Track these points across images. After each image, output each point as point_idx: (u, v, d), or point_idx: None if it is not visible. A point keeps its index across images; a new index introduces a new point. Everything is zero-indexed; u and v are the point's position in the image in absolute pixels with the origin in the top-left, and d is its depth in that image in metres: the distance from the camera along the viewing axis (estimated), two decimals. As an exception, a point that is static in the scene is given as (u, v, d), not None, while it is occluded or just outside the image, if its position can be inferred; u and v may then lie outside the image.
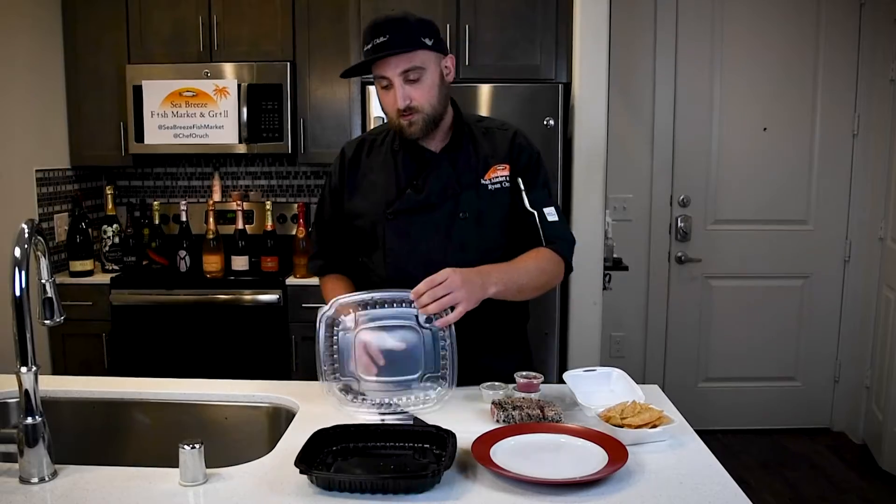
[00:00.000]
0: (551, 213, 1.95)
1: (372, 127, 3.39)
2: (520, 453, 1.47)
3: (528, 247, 1.92)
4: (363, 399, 1.72)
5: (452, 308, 1.65)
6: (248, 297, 3.66)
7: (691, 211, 4.24)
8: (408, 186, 1.90)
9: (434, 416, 1.68)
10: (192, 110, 3.77)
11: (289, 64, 3.78)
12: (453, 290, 1.64)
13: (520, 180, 1.93)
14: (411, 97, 1.80)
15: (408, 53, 1.77)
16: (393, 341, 1.73)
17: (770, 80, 4.13)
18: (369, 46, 1.79)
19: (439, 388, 1.74)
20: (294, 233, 3.85)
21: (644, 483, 1.37)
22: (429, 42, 1.80)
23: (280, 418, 1.83)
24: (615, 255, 3.71)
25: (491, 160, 1.93)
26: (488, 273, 1.74)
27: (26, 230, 1.39)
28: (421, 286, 1.64)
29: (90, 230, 3.83)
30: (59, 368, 3.69)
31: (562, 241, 1.96)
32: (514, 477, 1.35)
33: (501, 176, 1.92)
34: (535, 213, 1.93)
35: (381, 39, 1.76)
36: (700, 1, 4.10)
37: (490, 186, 1.91)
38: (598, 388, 1.81)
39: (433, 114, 1.84)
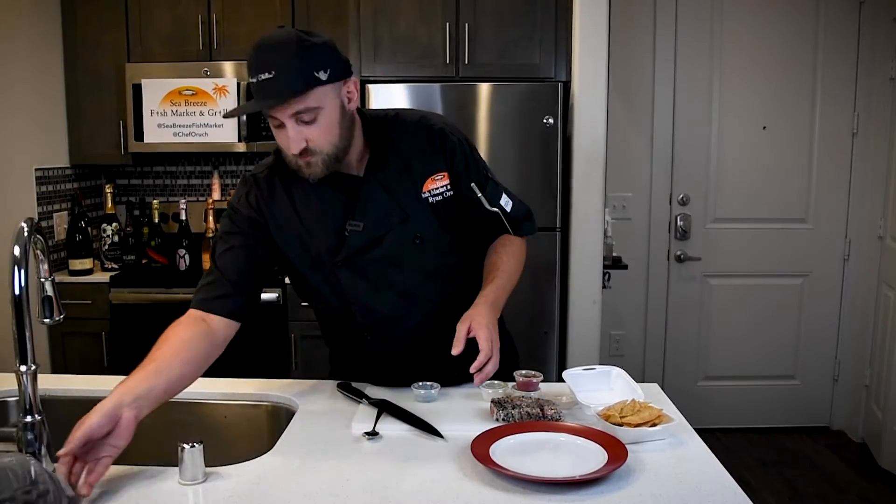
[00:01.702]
0: (507, 203, 1.86)
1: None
2: (519, 452, 1.47)
3: (490, 237, 1.88)
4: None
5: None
6: (247, 296, 3.65)
7: (691, 209, 4.24)
8: (345, 226, 1.71)
9: (434, 414, 1.68)
10: (192, 109, 3.77)
11: (288, 62, 3.77)
12: (494, 340, 1.61)
13: (473, 185, 1.80)
14: (307, 138, 1.57)
15: (299, 96, 1.53)
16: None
17: (769, 78, 4.13)
18: (255, 80, 1.54)
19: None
20: (293, 231, 3.84)
21: (643, 482, 1.37)
22: (323, 76, 1.54)
23: (280, 417, 1.83)
24: (614, 254, 3.71)
25: (424, 170, 1.76)
26: (496, 302, 1.71)
27: (26, 229, 1.39)
28: (483, 364, 1.59)
29: (89, 229, 3.83)
30: (58, 367, 3.69)
31: (526, 223, 1.90)
32: (513, 475, 1.35)
33: (441, 186, 1.77)
34: (498, 210, 1.84)
35: (267, 76, 1.51)
36: (699, 0, 4.10)
37: (431, 199, 1.76)
38: (598, 387, 1.81)
39: (334, 152, 1.62)
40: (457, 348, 1.59)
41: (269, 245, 1.77)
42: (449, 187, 1.79)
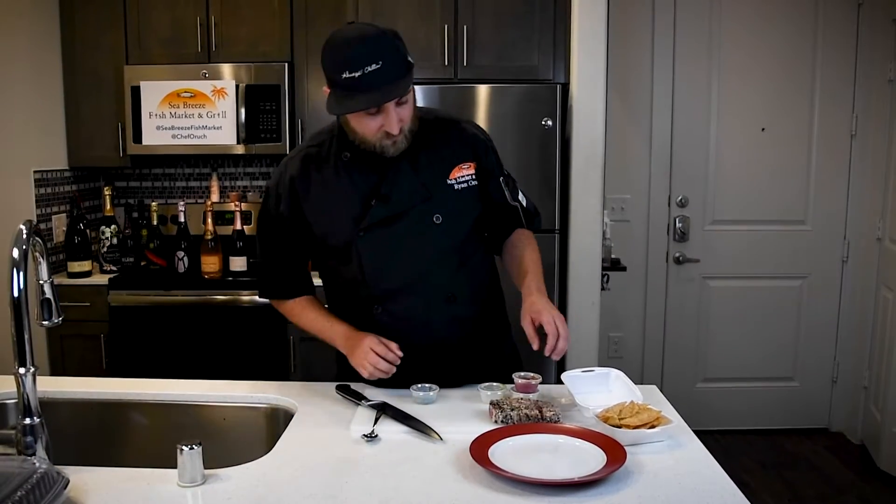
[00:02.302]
0: (523, 198, 2.00)
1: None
2: (518, 454, 1.47)
3: (507, 230, 2.00)
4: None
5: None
6: (246, 298, 3.66)
7: (689, 211, 4.24)
8: (373, 198, 1.81)
9: (432, 416, 1.68)
10: (190, 111, 3.77)
11: (287, 65, 3.78)
12: (561, 320, 1.72)
13: (500, 181, 1.94)
14: (402, 119, 1.71)
15: (408, 82, 1.66)
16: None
17: (768, 80, 4.14)
18: (358, 74, 1.61)
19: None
20: (292, 233, 3.84)
21: (642, 484, 1.38)
22: (411, 59, 1.68)
23: (278, 419, 1.83)
24: (613, 256, 3.71)
25: (453, 158, 1.87)
26: (540, 288, 1.83)
27: (24, 231, 1.39)
28: (555, 343, 1.70)
29: (88, 231, 3.83)
30: (57, 369, 3.69)
31: (536, 217, 2.05)
32: (512, 477, 1.35)
33: (467, 175, 1.88)
34: (517, 206, 1.98)
35: (375, 66, 1.59)
36: (698, 1, 4.11)
37: (457, 186, 1.86)
38: (597, 389, 1.81)
39: (413, 128, 1.77)
40: (535, 343, 1.72)
41: (302, 220, 1.88)
42: (474, 177, 1.89)
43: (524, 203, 1.99)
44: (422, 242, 1.84)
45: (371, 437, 1.58)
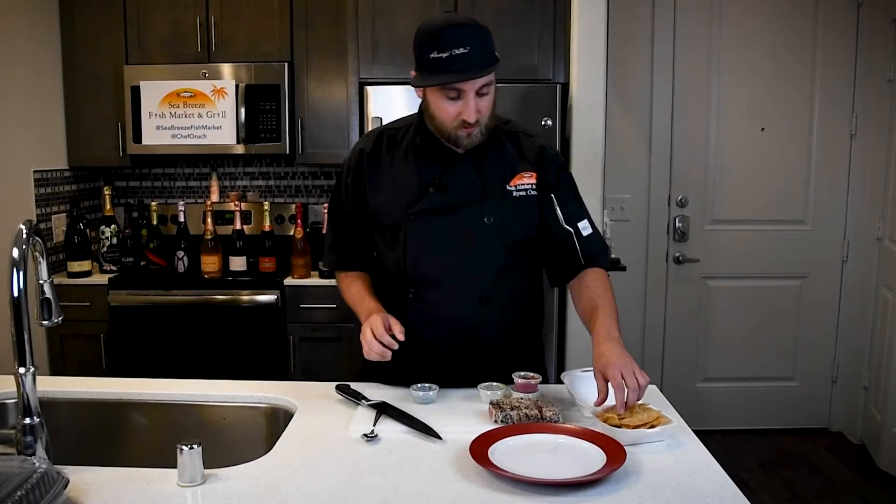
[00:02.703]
0: (585, 227, 1.93)
1: (369, 128, 3.40)
2: (518, 453, 1.47)
3: (566, 264, 1.92)
4: None
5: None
6: (245, 298, 3.66)
7: (689, 211, 4.24)
8: (430, 186, 1.86)
9: (433, 415, 1.68)
10: (190, 111, 3.77)
11: (286, 65, 3.78)
12: (631, 369, 1.60)
13: (553, 197, 1.91)
14: (480, 110, 1.75)
15: (491, 70, 1.73)
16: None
17: (768, 80, 4.14)
18: (446, 55, 1.68)
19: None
20: (292, 233, 3.85)
21: (642, 483, 1.38)
22: (498, 55, 1.76)
23: (278, 419, 1.83)
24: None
25: (518, 166, 1.88)
26: (612, 331, 1.72)
27: (24, 231, 1.39)
28: (621, 397, 1.57)
29: (88, 231, 3.83)
30: (57, 369, 3.69)
31: (601, 254, 1.95)
32: (511, 477, 1.35)
33: (528, 183, 1.88)
34: (572, 230, 1.91)
35: (462, 50, 1.67)
36: (698, 1, 4.11)
37: (515, 193, 1.87)
38: (596, 388, 1.81)
39: (489, 124, 1.81)
40: (599, 398, 1.62)
41: (362, 194, 1.95)
42: (535, 187, 1.90)
43: (584, 232, 1.92)
44: (468, 239, 1.86)
45: (371, 436, 1.58)
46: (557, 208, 1.91)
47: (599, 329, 1.73)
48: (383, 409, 1.70)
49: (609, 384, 1.60)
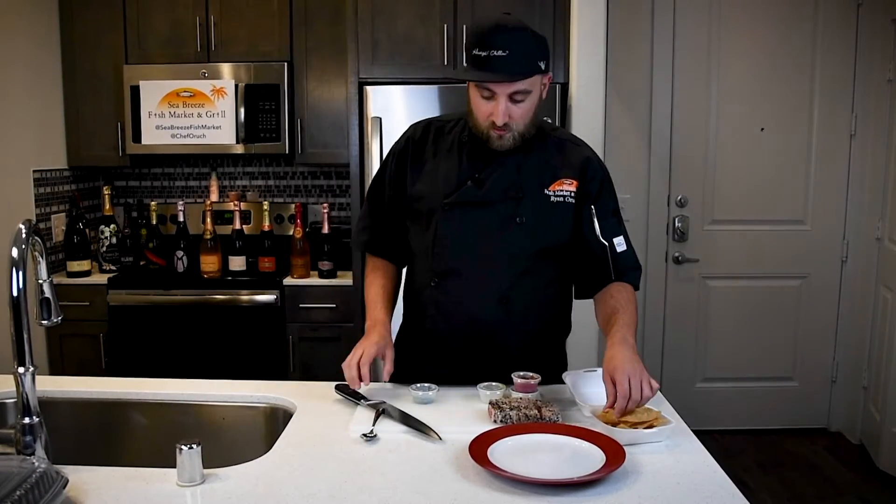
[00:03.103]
0: (620, 244, 1.91)
1: (369, 128, 3.41)
2: (517, 453, 1.47)
3: (596, 277, 1.91)
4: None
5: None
6: (245, 298, 3.66)
7: (688, 211, 4.24)
8: (469, 179, 1.87)
9: (432, 416, 1.68)
10: (190, 110, 3.77)
11: (286, 64, 3.78)
12: (639, 376, 1.59)
13: (593, 208, 1.90)
14: (512, 116, 1.76)
15: (525, 78, 1.73)
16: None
17: (767, 80, 4.14)
18: (485, 54, 1.70)
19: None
20: (291, 233, 3.85)
21: (641, 483, 1.38)
22: (543, 66, 1.76)
23: (277, 418, 1.83)
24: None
25: (559, 172, 1.89)
26: (627, 338, 1.71)
27: (24, 230, 1.39)
28: (621, 404, 1.57)
29: (87, 230, 3.83)
30: (56, 369, 3.69)
31: (632, 271, 1.92)
32: (511, 477, 1.35)
33: (567, 190, 1.88)
34: (607, 244, 1.90)
35: (501, 53, 1.69)
36: (697, 2, 4.11)
37: (553, 198, 1.87)
38: (598, 389, 1.80)
39: (525, 132, 1.82)
40: (608, 402, 1.61)
41: (403, 180, 1.96)
42: (573, 194, 1.89)
43: (619, 248, 1.90)
44: (499, 237, 1.86)
45: (370, 436, 1.58)
46: (596, 220, 1.90)
47: (615, 333, 1.72)
48: (382, 410, 1.70)
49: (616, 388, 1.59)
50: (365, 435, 1.58)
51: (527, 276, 1.89)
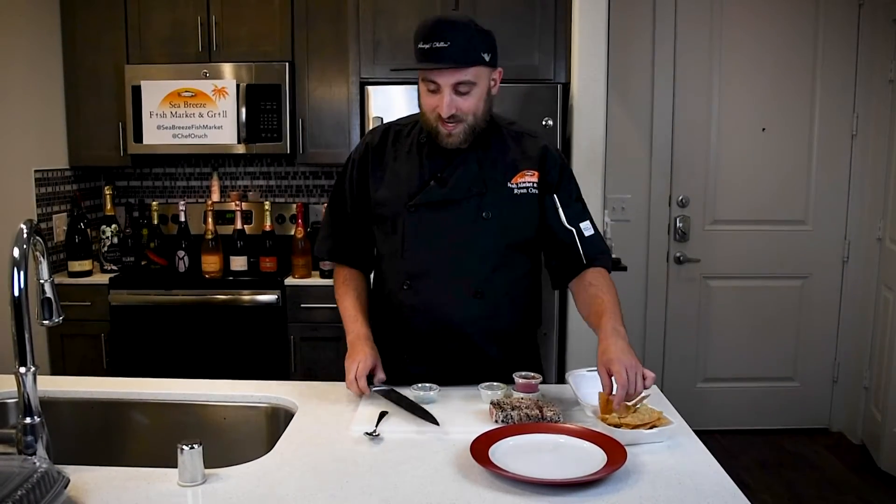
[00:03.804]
0: (587, 228, 1.93)
1: (371, 127, 3.40)
2: (518, 453, 1.47)
3: (568, 264, 1.92)
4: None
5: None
6: (246, 298, 3.66)
7: (690, 211, 4.24)
8: (431, 179, 1.88)
9: (433, 415, 1.68)
10: (191, 110, 3.77)
11: (287, 64, 3.78)
12: (636, 368, 1.59)
13: (556, 197, 1.91)
14: (458, 107, 1.77)
15: (465, 68, 1.74)
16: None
17: (769, 80, 4.14)
18: (427, 46, 1.74)
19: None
20: (293, 233, 3.85)
21: (643, 483, 1.38)
22: (487, 58, 1.77)
23: (279, 418, 1.83)
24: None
25: (520, 164, 1.90)
26: (618, 328, 1.71)
27: (25, 230, 1.39)
28: (622, 393, 1.56)
29: (89, 230, 3.83)
30: (57, 369, 3.69)
31: (602, 255, 1.94)
32: (512, 477, 1.35)
33: (529, 182, 1.90)
34: (573, 230, 1.91)
35: (441, 45, 1.71)
36: (699, 2, 4.10)
37: (516, 191, 1.89)
38: (600, 389, 1.81)
39: (475, 125, 1.82)
40: (605, 392, 1.62)
41: (365, 186, 1.97)
42: (536, 185, 1.91)
43: (586, 233, 1.92)
44: (465, 233, 1.87)
45: (373, 435, 1.58)
46: (560, 208, 1.91)
47: (605, 324, 1.72)
48: (389, 395, 1.76)
49: (613, 380, 1.59)
50: (368, 433, 1.58)
51: (498, 271, 1.90)
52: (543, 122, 3.38)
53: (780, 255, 4.26)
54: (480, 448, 1.46)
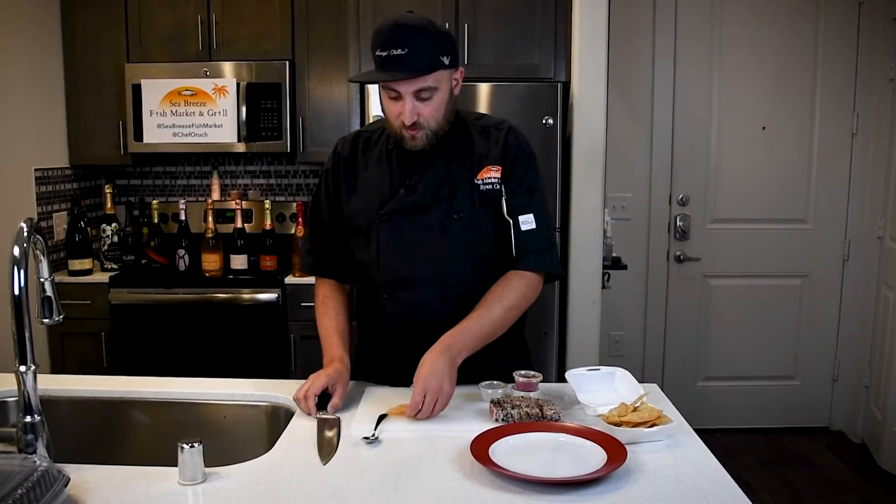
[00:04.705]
0: (527, 221, 1.86)
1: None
2: (518, 452, 1.47)
3: (506, 259, 1.88)
4: None
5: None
6: (246, 296, 3.66)
7: (690, 210, 4.24)
8: (401, 186, 1.86)
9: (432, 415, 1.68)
10: (192, 109, 3.77)
11: (288, 63, 3.77)
12: (436, 394, 1.64)
13: (502, 186, 1.87)
14: (420, 113, 1.75)
15: (425, 75, 1.71)
16: None
17: (769, 79, 4.14)
18: (385, 54, 1.69)
19: None
20: (293, 232, 3.85)
21: (643, 482, 1.37)
22: (446, 61, 1.74)
23: (279, 417, 1.83)
24: (614, 254, 3.71)
25: (485, 160, 1.87)
26: (454, 346, 1.71)
27: (25, 229, 1.39)
28: (410, 414, 1.65)
29: (89, 229, 3.83)
30: (57, 367, 3.69)
31: (532, 253, 1.85)
32: (512, 476, 1.35)
33: (493, 177, 1.86)
34: (511, 221, 1.86)
35: (399, 52, 1.67)
36: (699, 0, 4.10)
37: (482, 187, 1.86)
38: (601, 388, 1.81)
39: (438, 129, 1.80)
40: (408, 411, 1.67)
41: (339, 196, 1.96)
42: (500, 181, 1.87)
43: (523, 227, 1.85)
44: (440, 237, 1.86)
45: (371, 439, 1.57)
46: (503, 197, 1.86)
47: (445, 337, 1.73)
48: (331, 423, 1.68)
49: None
50: (366, 438, 1.57)
51: (477, 270, 1.88)
52: (544, 121, 3.38)
53: (781, 253, 4.26)
54: (481, 447, 1.46)
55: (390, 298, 1.89)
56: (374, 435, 1.59)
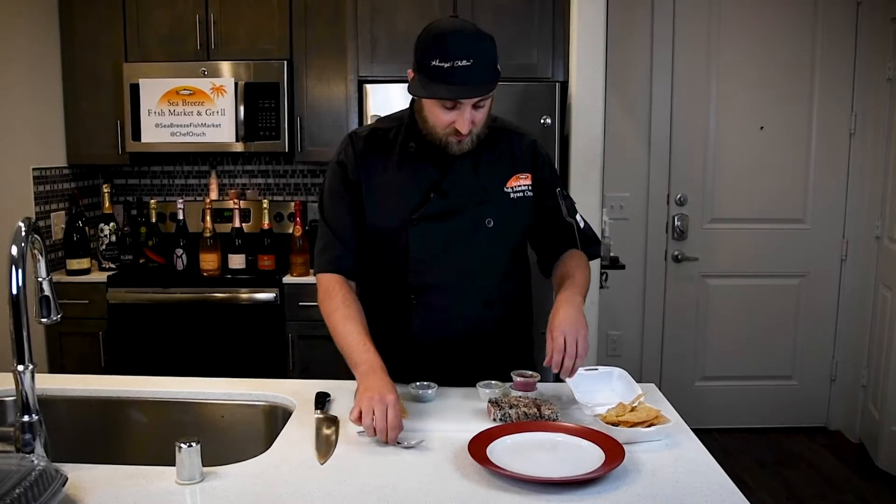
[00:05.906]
0: (580, 220, 1.97)
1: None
2: (516, 452, 1.47)
3: (561, 248, 1.94)
4: None
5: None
6: (244, 296, 3.66)
7: (688, 209, 4.24)
8: (431, 191, 1.83)
9: (430, 414, 1.68)
10: (190, 109, 3.77)
11: (286, 62, 3.77)
12: (575, 335, 1.65)
13: (558, 192, 1.93)
14: (474, 122, 1.74)
15: (491, 86, 1.70)
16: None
17: (767, 79, 4.14)
18: (447, 66, 1.64)
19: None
20: (291, 231, 3.85)
21: (641, 482, 1.38)
22: (499, 69, 1.73)
23: (276, 417, 1.83)
24: (612, 254, 3.71)
25: (512, 169, 1.88)
26: (573, 299, 1.74)
27: (23, 228, 1.39)
28: (557, 358, 1.64)
29: (87, 228, 3.82)
30: (55, 367, 3.69)
31: (593, 244, 1.99)
32: (510, 476, 1.35)
33: (524, 185, 1.89)
34: (572, 222, 1.94)
35: (464, 63, 1.63)
36: (697, 1, 4.10)
37: (513, 195, 1.88)
38: (600, 388, 1.81)
39: (482, 134, 1.80)
40: (547, 359, 1.67)
41: (360, 195, 1.88)
42: (530, 188, 1.90)
43: (580, 224, 1.95)
44: (471, 243, 1.85)
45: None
46: (561, 203, 1.93)
47: (563, 292, 1.77)
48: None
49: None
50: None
51: (507, 276, 1.91)
52: (542, 121, 3.38)
53: (779, 253, 4.26)
54: (478, 446, 1.46)
55: (420, 305, 1.87)
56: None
